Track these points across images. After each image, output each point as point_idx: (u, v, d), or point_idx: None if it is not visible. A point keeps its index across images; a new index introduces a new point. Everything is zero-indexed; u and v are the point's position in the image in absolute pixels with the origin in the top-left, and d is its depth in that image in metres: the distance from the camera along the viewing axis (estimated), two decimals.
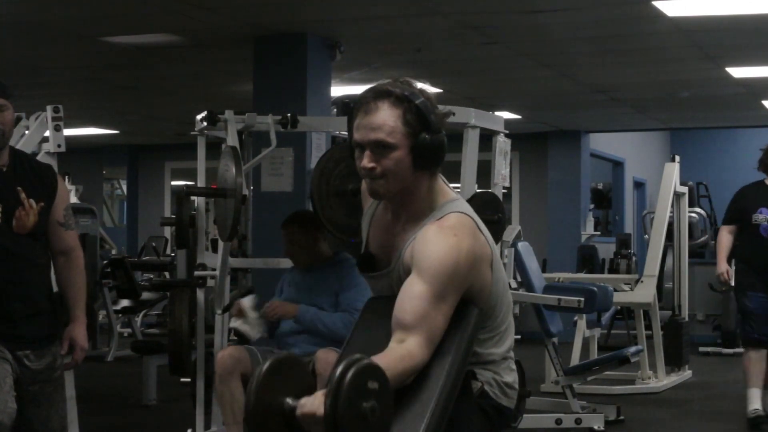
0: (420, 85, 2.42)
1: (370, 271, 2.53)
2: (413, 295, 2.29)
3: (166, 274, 10.28)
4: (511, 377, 2.49)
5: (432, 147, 2.36)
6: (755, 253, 6.35)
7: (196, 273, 5.21)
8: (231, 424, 4.64)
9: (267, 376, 2.17)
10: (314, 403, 2.14)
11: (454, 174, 4.23)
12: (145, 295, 9.78)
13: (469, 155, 4.89)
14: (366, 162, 2.36)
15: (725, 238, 6.50)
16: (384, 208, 2.52)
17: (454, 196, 2.46)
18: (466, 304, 2.36)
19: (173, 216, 5.31)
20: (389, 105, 2.35)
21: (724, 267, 6.49)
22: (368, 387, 2.11)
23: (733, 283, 6.58)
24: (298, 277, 4.96)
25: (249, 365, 4.64)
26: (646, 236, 11.20)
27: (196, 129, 5.31)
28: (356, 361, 2.11)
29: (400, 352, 2.24)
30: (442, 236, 2.32)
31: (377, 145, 2.35)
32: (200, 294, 5.20)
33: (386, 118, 2.34)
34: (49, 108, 4.97)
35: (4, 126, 3.47)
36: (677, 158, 8.65)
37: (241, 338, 4.97)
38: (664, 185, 8.50)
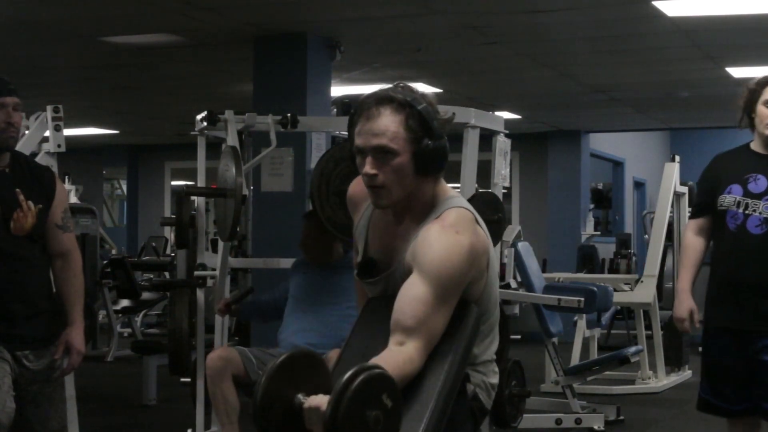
0: (421, 89, 2.39)
1: (368, 277, 2.48)
2: (414, 297, 2.26)
3: (166, 274, 10.29)
4: (496, 379, 2.49)
5: (434, 153, 2.34)
6: (720, 260, 4.00)
7: (196, 273, 5.21)
8: (226, 424, 4.64)
9: (279, 369, 2.14)
10: (322, 400, 2.13)
11: (454, 174, 4.23)
12: (145, 295, 9.78)
13: (469, 155, 4.88)
14: (368, 168, 2.33)
15: (691, 242, 4.09)
16: (383, 211, 2.47)
17: (453, 193, 2.43)
18: (466, 304, 2.34)
19: (173, 216, 5.30)
20: (391, 111, 2.32)
21: (685, 306, 3.93)
22: (378, 397, 2.07)
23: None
24: (311, 276, 4.93)
25: (240, 366, 4.62)
26: (646, 236, 11.18)
27: (196, 129, 5.30)
28: (368, 369, 2.09)
29: (401, 357, 2.21)
30: (444, 236, 2.29)
31: (379, 150, 2.32)
32: (200, 294, 5.20)
33: (388, 123, 2.31)
34: (49, 108, 4.97)
35: (20, 126, 3.49)
36: (677, 158, 8.64)
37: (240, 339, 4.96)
38: (664, 185, 8.50)
